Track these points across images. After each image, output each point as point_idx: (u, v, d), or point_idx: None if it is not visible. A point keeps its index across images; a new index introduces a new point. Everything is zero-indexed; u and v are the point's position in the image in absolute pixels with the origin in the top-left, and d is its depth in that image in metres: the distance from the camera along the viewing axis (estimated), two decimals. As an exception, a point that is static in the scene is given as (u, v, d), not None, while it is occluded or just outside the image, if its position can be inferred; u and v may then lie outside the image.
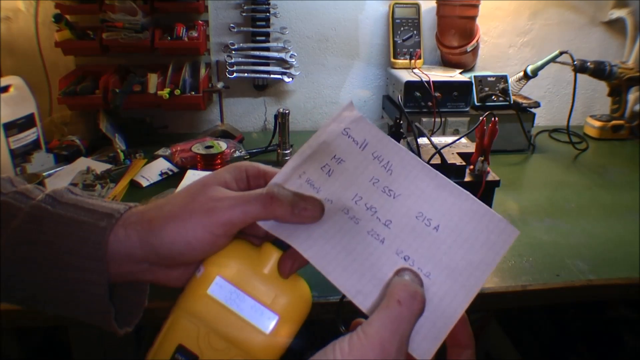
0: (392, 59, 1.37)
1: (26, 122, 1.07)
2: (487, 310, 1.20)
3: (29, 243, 0.33)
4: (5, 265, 0.33)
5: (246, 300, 0.33)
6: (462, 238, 0.33)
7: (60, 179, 1.02)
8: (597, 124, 1.42)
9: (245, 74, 1.33)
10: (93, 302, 0.34)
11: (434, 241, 0.34)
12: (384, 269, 0.33)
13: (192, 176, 1.02)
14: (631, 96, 1.46)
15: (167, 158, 1.15)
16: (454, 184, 0.35)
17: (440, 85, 1.22)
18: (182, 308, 0.33)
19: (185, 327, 0.33)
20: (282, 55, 1.34)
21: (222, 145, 1.10)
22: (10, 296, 0.34)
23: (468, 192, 0.35)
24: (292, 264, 0.34)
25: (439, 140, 0.95)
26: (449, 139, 0.93)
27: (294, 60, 1.35)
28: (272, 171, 0.37)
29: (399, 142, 0.91)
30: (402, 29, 1.37)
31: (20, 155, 1.06)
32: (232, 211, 0.32)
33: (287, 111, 1.15)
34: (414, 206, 0.35)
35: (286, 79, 1.36)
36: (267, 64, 1.35)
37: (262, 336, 0.32)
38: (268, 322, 0.32)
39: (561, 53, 1.29)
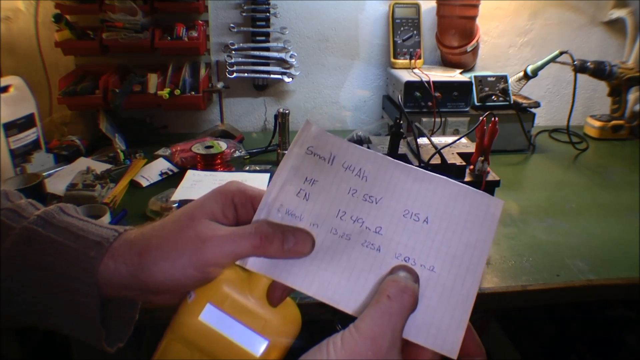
0: (392, 59, 1.37)
1: (26, 122, 1.07)
2: (487, 310, 1.20)
3: (20, 263, 0.33)
4: None
5: (237, 326, 0.33)
6: (454, 223, 0.34)
7: (60, 179, 1.02)
8: (597, 124, 1.42)
9: (245, 74, 1.33)
10: (84, 323, 0.34)
11: (428, 234, 0.34)
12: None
13: (192, 176, 1.02)
14: (631, 96, 1.46)
15: (167, 158, 1.15)
16: (429, 172, 0.35)
17: (440, 85, 1.22)
18: (175, 332, 0.34)
19: (179, 350, 0.34)
20: (282, 55, 1.34)
21: (222, 145, 1.10)
22: (6, 310, 0.34)
23: (444, 177, 0.35)
24: (282, 293, 0.34)
25: (439, 140, 0.95)
26: (449, 139, 0.93)
27: (294, 60, 1.35)
28: (260, 195, 0.36)
29: (399, 142, 0.91)
30: (402, 29, 1.37)
31: (20, 155, 1.06)
32: (221, 252, 0.32)
33: (287, 111, 1.15)
34: (398, 206, 0.34)
35: (286, 79, 1.36)
36: (267, 64, 1.35)
37: (253, 359, 0.33)
38: (259, 346, 0.33)
39: (561, 53, 1.29)
